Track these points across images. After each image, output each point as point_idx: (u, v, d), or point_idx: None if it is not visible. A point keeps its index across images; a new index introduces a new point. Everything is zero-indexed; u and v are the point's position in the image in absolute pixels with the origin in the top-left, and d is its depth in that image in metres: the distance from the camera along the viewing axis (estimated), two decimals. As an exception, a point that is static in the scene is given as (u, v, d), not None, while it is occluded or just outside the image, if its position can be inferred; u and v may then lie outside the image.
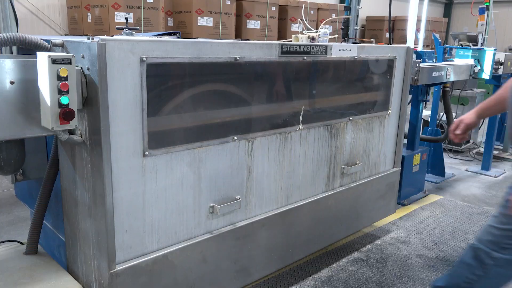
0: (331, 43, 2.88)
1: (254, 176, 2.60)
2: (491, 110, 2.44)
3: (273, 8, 7.73)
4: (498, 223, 2.18)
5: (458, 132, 2.46)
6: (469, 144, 6.81)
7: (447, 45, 7.46)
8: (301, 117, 2.80)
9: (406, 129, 4.79)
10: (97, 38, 1.85)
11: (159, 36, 2.70)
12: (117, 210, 2.02)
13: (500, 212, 2.19)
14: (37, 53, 1.81)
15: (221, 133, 2.40)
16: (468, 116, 2.44)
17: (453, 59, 5.62)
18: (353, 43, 3.81)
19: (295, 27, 8.07)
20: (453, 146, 6.70)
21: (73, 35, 7.49)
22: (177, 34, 3.24)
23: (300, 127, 2.80)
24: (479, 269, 2.23)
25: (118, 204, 2.02)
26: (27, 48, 1.99)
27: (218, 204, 2.42)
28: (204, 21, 6.74)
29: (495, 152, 6.38)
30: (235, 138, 2.45)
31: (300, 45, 2.64)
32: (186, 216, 2.31)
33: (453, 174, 5.73)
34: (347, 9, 6.63)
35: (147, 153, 2.07)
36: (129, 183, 2.05)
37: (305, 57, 2.69)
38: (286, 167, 2.79)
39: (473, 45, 6.57)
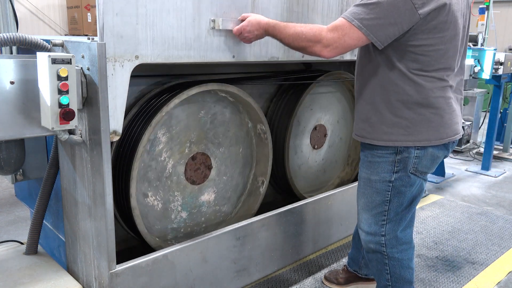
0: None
1: (259, 3, 2.43)
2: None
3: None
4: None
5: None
6: (469, 144, 6.81)
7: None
8: None
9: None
10: (97, 38, 1.85)
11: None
12: None
13: None
14: (37, 53, 1.81)
15: None
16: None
17: (453, 59, 5.62)
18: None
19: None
20: (453, 146, 6.69)
21: (73, 35, 7.50)
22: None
23: None
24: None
25: None
26: (27, 48, 1.99)
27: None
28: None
29: (495, 152, 6.37)
30: None
31: None
32: (185, 23, 2.12)
33: (453, 174, 5.73)
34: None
35: None
36: None
37: None
38: (294, 5, 2.60)
39: (473, 45, 6.57)
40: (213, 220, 2.95)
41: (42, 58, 1.76)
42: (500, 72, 5.53)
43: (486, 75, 5.26)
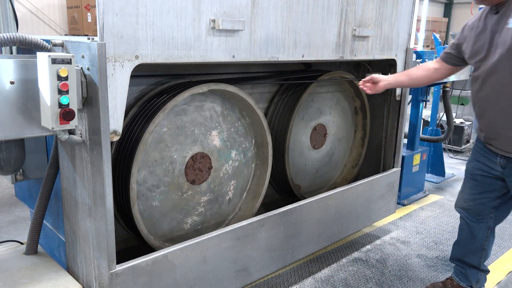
0: None
1: (259, 2, 2.42)
2: (402, 82, 2.98)
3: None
4: None
5: (367, 83, 2.93)
6: (469, 144, 6.81)
7: (447, 45, 7.45)
8: None
9: (406, 129, 4.80)
10: (97, 38, 1.85)
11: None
12: None
13: None
14: (37, 53, 1.81)
15: None
16: (384, 76, 2.92)
17: (453, 59, 5.61)
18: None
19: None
20: (453, 146, 6.70)
21: (73, 35, 7.50)
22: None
23: None
24: None
25: None
26: (27, 48, 1.99)
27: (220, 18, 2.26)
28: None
29: (495, 152, 6.36)
30: None
31: None
32: (185, 23, 2.13)
33: (453, 174, 5.73)
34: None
35: None
36: None
37: None
38: (294, 5, 2.60)
39: (473, 45, 6.56)
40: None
41: (42, 58, 1.76)
42: (500, 72, 5.51)
43: (486, 75, 5.25)
